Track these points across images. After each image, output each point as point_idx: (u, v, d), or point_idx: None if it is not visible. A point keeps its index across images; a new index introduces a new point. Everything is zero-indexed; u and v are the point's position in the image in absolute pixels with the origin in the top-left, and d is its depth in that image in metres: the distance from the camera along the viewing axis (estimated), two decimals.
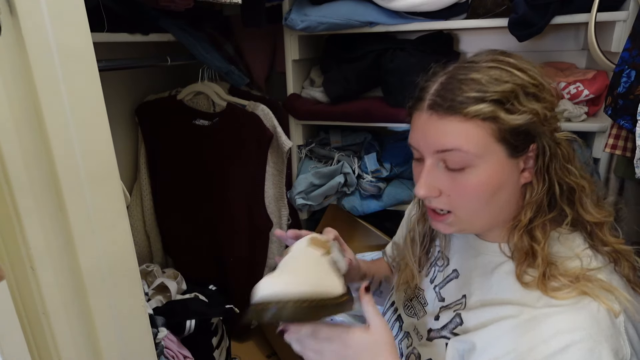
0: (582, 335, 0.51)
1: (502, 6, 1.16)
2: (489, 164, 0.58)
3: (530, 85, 0.57)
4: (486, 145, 0.57)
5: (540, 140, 0.58)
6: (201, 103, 1.40)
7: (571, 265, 0.58)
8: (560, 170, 0.61)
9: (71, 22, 0.51)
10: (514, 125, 0.56)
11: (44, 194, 0.51)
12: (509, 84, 0.57)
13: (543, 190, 0.60)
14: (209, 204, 1.41)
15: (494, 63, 0.59)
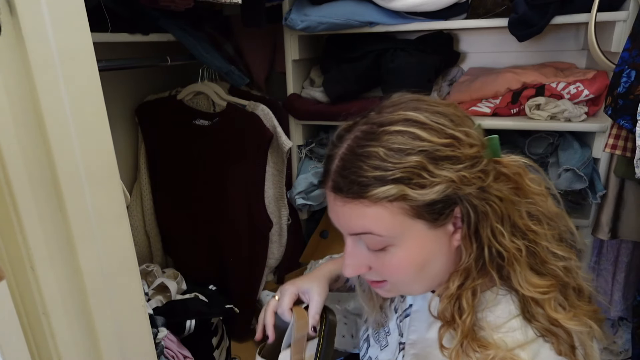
0: None
1: (502, 6, 1.16)
2: (410, 241, 0.53)
3: (441, 148, 0.50)
4: (401, 225, 0.52)
5: (463, 204, 0.52)
6: (201, 103, 1.40)
7: (493, 338, 0.52)
8: (490, 232, 0.53)
9: (71, 22, 0.51)
10: (427, 200, 0.50)
11: (44, 194, 0.51)
12: (413, 156, 0.49)
13: (472, 256, 0.54)
14: (209, 204, 1.41)
15: (399, 125, 0.51)
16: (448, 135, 0.51)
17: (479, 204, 0.52)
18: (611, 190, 1.16)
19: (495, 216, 0.52)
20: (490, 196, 0.52)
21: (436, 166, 0.50)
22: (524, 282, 0.53)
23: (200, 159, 1.40)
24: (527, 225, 0.54)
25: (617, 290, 1.30)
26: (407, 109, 0.53)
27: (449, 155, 0.50)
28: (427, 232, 0.53)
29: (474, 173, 0.51)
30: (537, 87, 1.25)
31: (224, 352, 1.29)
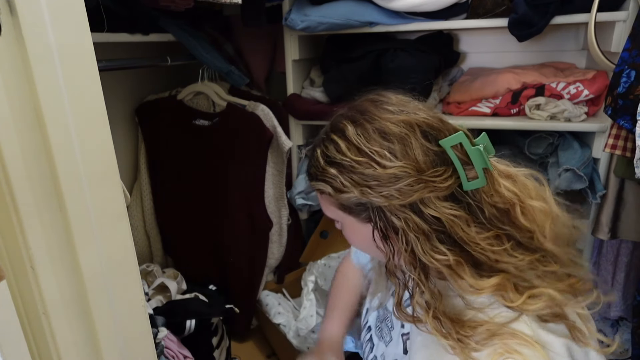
0: None
1: (502, 6, 1.16)
2: (347, 227, 0.64)
3: (354, 164, 0.57)
4: (335, 213, 0.63)
5: (374, 213, 0.58)
6: (201, 103, 1.40)
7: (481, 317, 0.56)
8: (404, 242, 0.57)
9: (71, 22, 0.51)
10: (344, 202, 0.59)
11: (44, 194, 0.51)
12: (331, 166, 0.58)
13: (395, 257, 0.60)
14: (209, 204, 1.41)
15: (335, 135, 0.59)
16: (365, 154, 0.56)
17: (391, 217, 0.57)
18: (611, 190, 1.16)
19: (413, 231, 0.56)
20: (406, 213, 0.56)
21: (347, 178, 0.57)
22: (465, 289, 0.56)
23: (200, 159, 1.40)
24: (474, 242, 0.56)
25: (617, 290, 1.30)
26: (351, 119, 0.59)
27: (360, 172, 0.56)
28: (357, 224, 0.62)
29: (385, 190, 0.55)
30: (537, 87, 1.25)
31: (224, 352, 1.29)
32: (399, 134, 0.56)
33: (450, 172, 0.56)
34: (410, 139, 0.56)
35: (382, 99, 0.61)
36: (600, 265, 1.33)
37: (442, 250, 0.55)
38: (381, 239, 0.59)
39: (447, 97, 1.40)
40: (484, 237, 0.56)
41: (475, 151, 0.56)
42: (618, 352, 1.42)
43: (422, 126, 0.57)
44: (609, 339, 0.59)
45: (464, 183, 0.56)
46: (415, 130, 0.57)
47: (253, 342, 1.48)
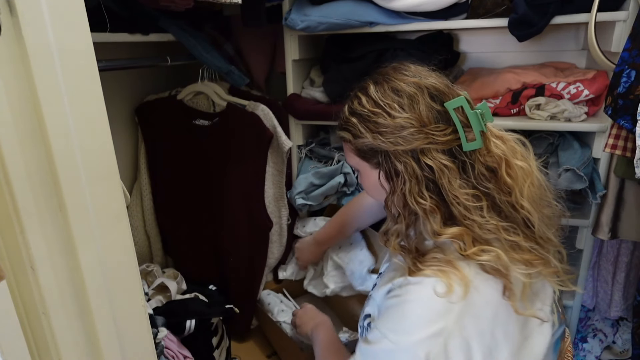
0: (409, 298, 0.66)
1: (502, 6, 1.16)
2: (362, 171, 0.77)
3: (370, 114, 0.70)
4: (353, 159, 0.77)
5: (380, 157, 0.71)
6: (201, 103, 1.40)
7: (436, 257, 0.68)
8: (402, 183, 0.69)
9: (71, 22, 0.51)
10: (359, 146, 0.73)
11: (44, 194, 0.51)
12: (353, 116, 0.72)
13: (391, 200, 0.72)
14: (209, 204, 1.41)
15: (358, 92, 0.73)
16: (379, 105, 0.69)
17: (395, 161, 0.69)
18: (611, 190, 1.16)
19: (409, 176, 0.68)
20: (407, 158, 0.68)
21: (364, 126, 0.70)
22: (429, 232, 0.69)
23: (200, 159, 1.40)
24: (454, 194, 0.66)
25: (617, 290, 1.30)
26: (373, 80, 0.72)
27: (374, 120, 0.69)
28: (368, 169, 0.75)
29: (392, 136, 0.68)
30: (537, 87, 1.25)
31: (224, 352, 1.29)
32: (409, 92, 0.68)
33: (450, 130, 0.67)
34: (418, 97, 0.68)
35: (402, 67, 0.73)
36: (600, 265, 1.33)
37: (424, 196, 0.67)
38: (386, 179, 0.72)
39: None
40: (465, 192, 0.66)
41: (473, 114, 0.67)
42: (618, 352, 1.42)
43: (430, 88, 0.69)
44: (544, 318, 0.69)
45: (463, 144, 0.67)
46: (424, 91, 0.68)
47: (253, 342, 1.48)
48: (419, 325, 0.64)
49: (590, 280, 1.35)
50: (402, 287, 0.68)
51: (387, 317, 0.68)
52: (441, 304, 0.63)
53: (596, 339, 1.42)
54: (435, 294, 0.63)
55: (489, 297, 0.64)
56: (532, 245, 0.68)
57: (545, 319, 0.69)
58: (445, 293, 0.63)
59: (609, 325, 1.42)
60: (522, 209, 0.68)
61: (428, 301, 0.64)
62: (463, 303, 0.62)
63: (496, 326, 0.64)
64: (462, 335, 0.62)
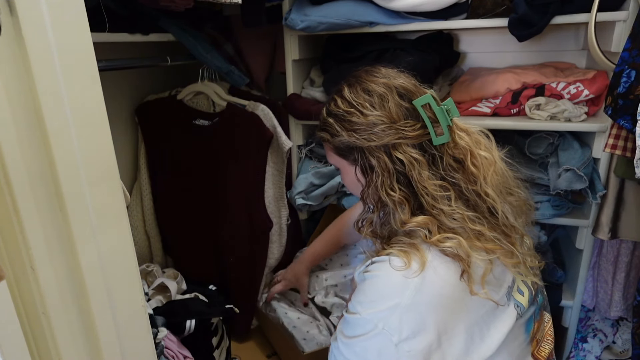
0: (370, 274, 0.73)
1: (502, 6, 1.16)
2: (342, 169, 0.83)
3: (345, 114, 0.75)
4: (332, 157, 0.83)
5: (357, 153, 0.76)
6: (201, 103, 1.40)
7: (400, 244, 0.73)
8: (375, 176, 0.74)
9: (71, 22, 0.51)
10: (337, 144, 0.78)
11: (44, 194, 0.51)
12: (330, 117, 0.78)
13: (365, 193, 0.78)
14: (209, 204, 1.41)
15: (334, 95, 0.79)
16: (353, 105, 0.75)
17: (369, 156, 0.74)
18: (611, 190, 1.16)
19: (382, 169, 0.73)
20: (380, 153, 0.73)
21: (339, 125, 0.76)
22: (396, 221, 0.74)
23: (200, 159, 1.39)
24: (423, 185, 0.71)
25: (617, 290, 1.30)
26: (347, 83, 0.78)
27: (348, 119, 0.75)
28: (348, 167, 0.80)
29: (364, 133, 0.73)
30: (537, 87, 1.25)
31: (224, 352, 1.29)
32: (379, 92, 0.74)
33: (419, 126, 0.73)
34: (387, 96, 0.74)
35: (373, 69, 0.79)
36: (600, 265, 1.33)
37: (395, 188, 0.72)
38: (361, 174, 0.77)
39: (447, 97, 1.40)
40: (433, 183, 0.71)
41: (439, 110, 0.73)
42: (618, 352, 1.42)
43: (399, 88, 0.75)
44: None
45: (433, 138, 0.72)
46: (393, 90, 0.74)
47: (253, 342, 1.47)
48: (377, 299, 0.70)
49: (590, 280, 1.35)
50: (369, 266, 0.75)
51: (357, 291, 0.76)
52: (398, 278, 0.69)
53: (596, 339, 1.42)
54: (392, 267, 0.69)
55: (447, 277, 0.69)
56: (496, 235, 0.72)
57: (500, 303, 0.73)
58: (402, 267, 0.68)
59: (609, 325, 1.42)
60: (487, 197, 0.73)
61: (387, 277, 0.70)
62: (419, 280, 0.67)
63: (452, 304, 0.70)
64: (417, 310, 0.68)
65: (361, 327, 0.71)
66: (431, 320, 0.68)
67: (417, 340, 0.68)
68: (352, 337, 0.72)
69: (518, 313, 0.77)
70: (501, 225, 0.75)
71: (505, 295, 0.76)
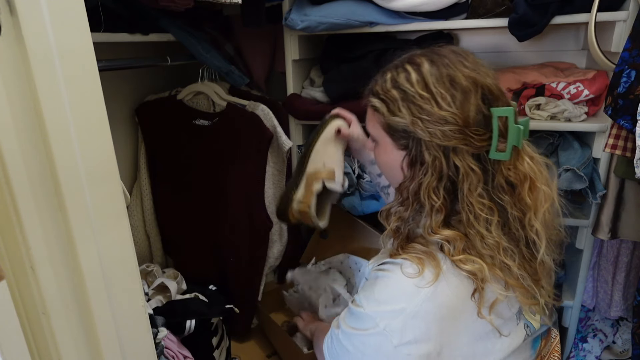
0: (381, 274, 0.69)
1: (502, 6, 1.16)
2: (381, 145, 0.74)
3: (416, 96, 0.66)
4: (376, 130, 0.74)
5: (411, 142, 0.68)
6: (201, 103, 1.40)
7: (420, 248, 0.69)
8: (422, 174, 0.68)
9: (71, 22, 0.51)
10: (390, 123, 0.69)
11: (44, 194, 0.51)
12: (396, 90, 0.68)
13: (406, 184, 0.71)
14: (209, 204, 1.41)
15: (411, 67, 0.68)
16: (430, 91, 0.65)
17: (425, 151, 0.66)
18: (611, 190, 1.16)
19: (433, 169, 0.66)
20: (438, 152, 0.65)
21: (405, 105, 0.66)
22: (425, 226, 0.68)
23: (200, 159, 1.39)
24: (470, 200, 0.65)
25: (617, 290, 1.30)
26: (429, 59, 0.67)
27: (418, 104, 0.65)
28: (391, 146, 0.72)
29: (431, 127, 0.64)
30: (537, 87, 1.25)
31: (224, 352, 1.29)
32: (464, 86, 0.64)
33: (487, 136, 0.65)
34: (471, 95, 0.64)
35: (462, 53, 0.69)
36: (600, 265, 1.33)
37: (439, 194, 0.66)
38: (407, 164, 0.70)
39: None
40: (481, 201, 0.65)
41: (515, 128, 0.64)
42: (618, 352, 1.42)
43: (485, 89, 0.65)
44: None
45: (491, 151, 0.65)
46: (478, 90, 0.65)
47: (253, 342, 1.48)
48: (384, 299, 0.67)
49: (590, 280, 1.35)
50: (382, 265, 0.71)
51: (365, 287, 0.73)
52: (410, 286, 0.65)
53: (596, 339, 1.42)
54: (405, 275, 0.66)
55: (458, 291, 0.66)
56: (522, 274, 0.67)
57: (503, 333, 0.70)
58: (415, 275, 0.65)
59: (609, 325, 1.42)
60: (531, 231, 0.68)
61: (398, 280, 0.67)
62: (430, 290, 0.64)
63: (459, 317, 0.67)
64: (423, 318, 0.65)
65: (363, 321, 0.69)
66: (435, 330, 0.66)
67: (417, 346, 0.66)
68: (353, 329, 0.71)
69: (527, 333, 0.74)
70: (536, 262, 0.69)
71: (515, 314, 0.73)
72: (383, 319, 0.67)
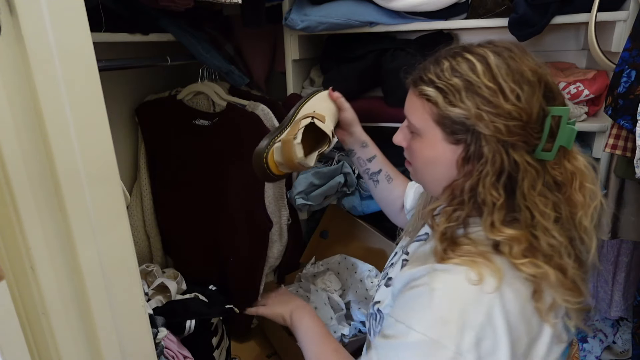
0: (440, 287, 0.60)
1: (502, 6, 1.16)
2: (427, 138, 0.68)
3: (482, 87, 0.61)
4: (425, 122, 0.67)
5: (471, 136, 0.63)
6: (201, 103, 1.40)
7: (472, 249, 0.63)
8: (479, 172, 0.63)
9: (71, 22, 0.51)
10: (449, 114, 0.64)
11: (44, 194, 0.51)
12: (458, 79, 0.63)
13: (459, 182, 0.66)
14: (209, 204, 1.41)
15: (472, 56, 0.64)
16: (498, 83, 0.61)
17: (485, 146, 0.62)
18: (611, 190, 1.16)
19: (492, 165, 0.62)
20: (498, 147, 0.62)
21: (468, 96, 0.62)
22: (488, 226, 0.63)
23: (200, 158, 1.39)
24: (532, 199, 0.62)
25: (617, 290, 1.30)
26: (493, 50, 0.64)
27: (484, 96, 0.61)
28: (440, 141, 0.66)
29: (496, 121, 0.60)
30: None
31: (224, 352, 1.29)
32: (531, 82, 0.62)
33: (539, 136, 0.63)
34: (536, 91, 0.62)
35: (522, 47, 0.66)
36: (600, 265, 1.33)
37: (499, 191, 0.62)
38: (464, 160, 0.65)
39: None
40: (543, 199, 0.62)
41: (568, 129, 0.62)
42: (618, 352, 1.42)
43: (547, 86, 0.63)
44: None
45: (537, 150, 0.63)
46: (542, 86, 0.63)
47: (253, 342, 1.48)
48: (448, 316, 0.58)
49: (590, 280, 1.35)
50: (428, 275, 0.62)
51: (411, 307, 0.62)
52: (472, 294, 0.58)
53: (596, 339, 1.42)
54: (467, 281, 0.59)
55: (520, 293, 0.60)
56: (577, 274, 0.64)
57: (564, 340, 0.65)
58: (476, 282, 0.59)
59: (609, 325, 1.42)
60: (580, 229, 0.65)
61: (458, 290, 0.59)
62: (496, 296, 0.58)
63: (524, 322, 0.61)
64: (494, 328, 0.58)
65: (427, 350, 0.58)
66: (504, 338, 0.59)
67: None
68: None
69: (567, 339, 0.69)
70: (587, 262, 0.66)
71: (561, 318, 0.68)
72: (452, 339, 0.57)
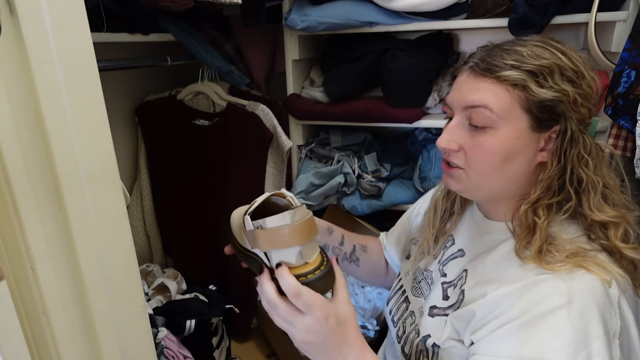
0: (574, 299, 0.53)
1: (502, 6, 1.16)
2: (509, 129, 0.61)
3: (568, 69, 0.60)
4: (510, 110, 0.60)
5: (564, 122, 0.61)
6: (201, 103, 1.40)
7: (567, 245, 0.59)
8: (576, 157, 0.62)
9: (71, 22, 0.51)
10: (540, 98, 0.59)
11: (44, 194, 0.51)
12: (547, 61, 0.60)
13: (555, 171, 0.62)
14: (209, 203, 1.41)
15: (541, 43, 0.62)
16: (577, 65, 0.61)
17: (576, 130, 0.61)
18: None
19: (585, 147, 0.61)
20: (584, 131, 0.62)
21: (560, 77, 0.60)
22: (594, 208, 0.61)
23: (200, 159, 1.40)
24: (599, 172, 0.63)
25: None
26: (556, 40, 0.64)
27: (572, 78, 0.60)
28: (525, 131, 0.61)
29: (582, 103, 0.60)
30: None
31: (224, 352, 1.29)
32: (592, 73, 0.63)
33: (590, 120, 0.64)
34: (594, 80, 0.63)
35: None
36: None
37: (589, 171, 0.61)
38: (557, 149, 0.62)
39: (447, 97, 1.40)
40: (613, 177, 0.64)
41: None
42: None
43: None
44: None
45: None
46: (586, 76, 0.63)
47: (253, 342, 1.48)
48: (588, 330, 0.52)
49: None
50: (539, 287, 0.56)
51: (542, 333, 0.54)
52: (603, 299, 0.54)
53: None
54: (590, 287, 0.54)
55: (629, 286, 0.58)
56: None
57: None
58: (607, 284, 0.55)
59: None
60: None
61: (587, 300, 0.54)
62: (621, 296, 0.55)
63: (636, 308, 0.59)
64: (628, 330, 0.55)
65: None
66: (636, 333, 0.56)
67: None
68: None
69: None
70: None
71: None
72: (597, 356, 0.52)
